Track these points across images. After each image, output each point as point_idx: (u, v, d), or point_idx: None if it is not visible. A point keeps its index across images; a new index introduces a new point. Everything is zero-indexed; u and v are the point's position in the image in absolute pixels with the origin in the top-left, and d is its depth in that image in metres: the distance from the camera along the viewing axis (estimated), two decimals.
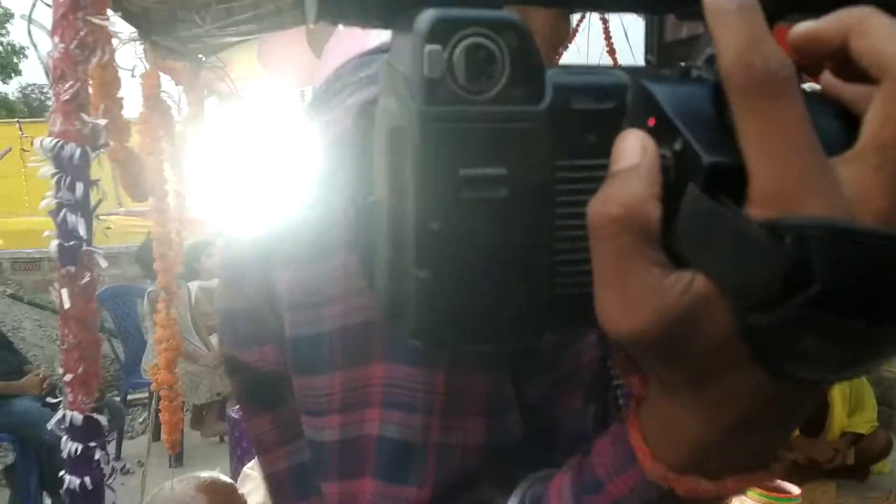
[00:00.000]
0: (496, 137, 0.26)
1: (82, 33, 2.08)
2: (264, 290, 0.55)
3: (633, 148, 0.27)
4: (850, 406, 3.47)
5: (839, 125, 0.29)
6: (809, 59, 0.29)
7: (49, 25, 2.10)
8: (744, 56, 0.26)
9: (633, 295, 0.27)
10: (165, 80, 3.59)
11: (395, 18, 0.28)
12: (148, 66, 3.29)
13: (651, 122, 0.28)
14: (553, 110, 0.27)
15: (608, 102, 0.28)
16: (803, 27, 0.29)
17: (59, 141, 2.06)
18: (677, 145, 0.27)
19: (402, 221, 0.27)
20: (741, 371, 0.28)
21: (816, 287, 0.24)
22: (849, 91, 0.29)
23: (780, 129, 0.25)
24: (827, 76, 0.30)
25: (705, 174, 0.26)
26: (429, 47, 0.26)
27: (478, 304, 0.27)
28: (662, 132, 0.27)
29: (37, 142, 2.06)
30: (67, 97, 2.08)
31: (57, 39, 2.09)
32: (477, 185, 0.26)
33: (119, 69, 2.45)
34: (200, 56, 3.71)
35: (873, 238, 0.24)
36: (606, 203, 0.27)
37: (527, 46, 0.27)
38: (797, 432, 3.31)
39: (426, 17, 0.26)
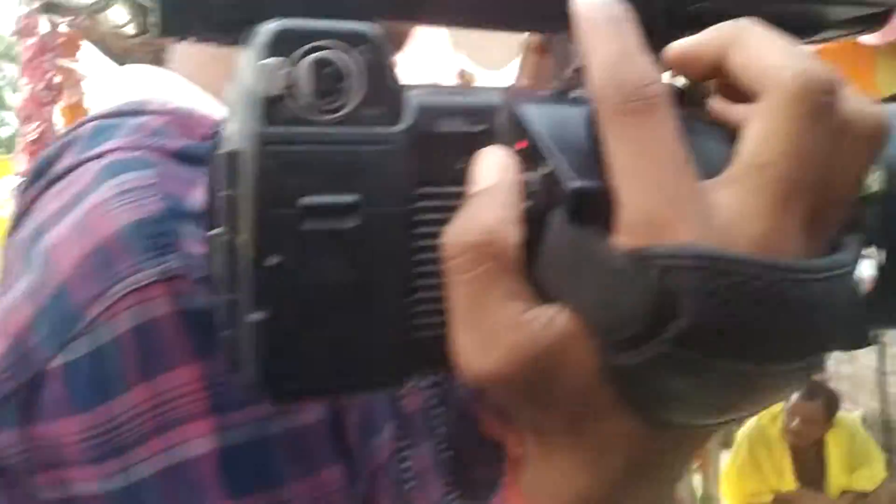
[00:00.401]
0: (345, 161, 0.24)
1: (49, 75, 2.10)
2: (22, 448, 0.44)
3: (490, 168, 0.26)
4: (851, 463, 3.35)
5: (725, 149, 0.26)
6: (690, 79, 0.28)
7: None
8: (613, 71, 0.24)
9: (489, 331, 0.25)
10: None
11: (243, 32, 0.25)
12: None
13: (521, 145, 0.26)
14: (414, 132, 0.25)
15: (478, 125, 0.26)
16: (679, 44, 0.27)
17: (24, 179, 2.08)
18: (545, 169, 0.25)
19: (238, 257, 0.24)
20: (615, 416, 0.25)
21: (683, 322, 0.22)
22: (733, 112, 0.27)
23: (649, 149, 0.24)
24: (714, 97, 0.28)
25: (571, 200, 0.24)
26: (267, 61, 0.24)
27: (325, 349, 0.25)
28: (531, 156, 0.26)
29: (2, 182, 2.08)
30: (34, 137, 2.10)
31: (25, 81, 2.12)
32: (322, 214, 0.24)
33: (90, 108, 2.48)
34: None
35: (747, 266, 0.22)
36: (460, 229, 0.25)
37: (384, 62, 0.25)
38: (796, 484, 3.21)
39: (268, 27, 0.24)
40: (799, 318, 0.23)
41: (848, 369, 5.62)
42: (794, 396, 3.25)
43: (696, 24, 0.27)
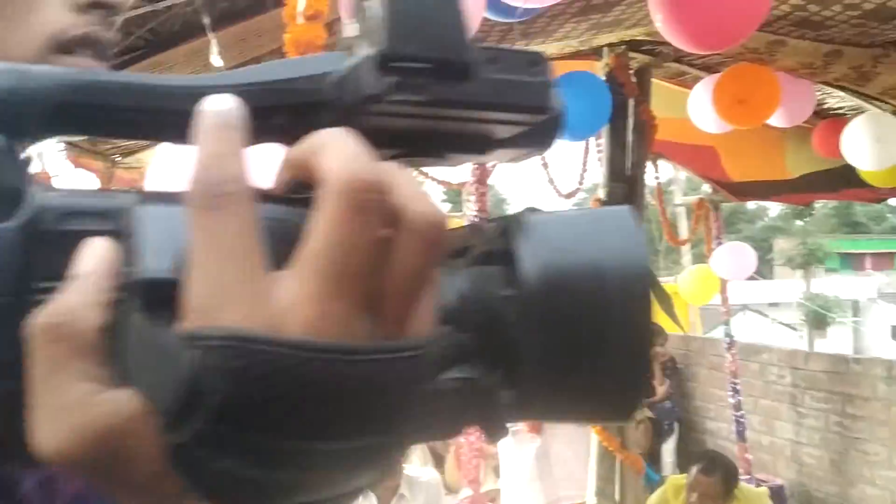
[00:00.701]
0: None
1: None
2: None
3: (86, 258, 0.27)
4: None
5: None
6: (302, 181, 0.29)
7: None
8: (200, 171, 0.26)
9: (57, 410, 0.25)
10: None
11: None
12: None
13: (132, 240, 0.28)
14: (30, 230, 0.27)
15: (105, 225, 0.28)
16: (288, 151, 0.29)
17: None
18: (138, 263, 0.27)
19: None
20: (189, 500, 0.25)
21: (215, 398, 0.23)
22: None
23: (213, 241, 0.25)
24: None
25: (141, 289, 0.25)
26: None
27: None
28: (134, 250, 0.27)
29: None
30: None
31: None
32: None
33: None
34: (117, 156, 3.73)
35: (279, 346, 0.23)
36: (44, 312, 0.26)
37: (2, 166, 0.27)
38: None
39: None
40: (343, 397, 0.24)
41: (766, 440, 5.70)
42: (693, 471, 3.29)
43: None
